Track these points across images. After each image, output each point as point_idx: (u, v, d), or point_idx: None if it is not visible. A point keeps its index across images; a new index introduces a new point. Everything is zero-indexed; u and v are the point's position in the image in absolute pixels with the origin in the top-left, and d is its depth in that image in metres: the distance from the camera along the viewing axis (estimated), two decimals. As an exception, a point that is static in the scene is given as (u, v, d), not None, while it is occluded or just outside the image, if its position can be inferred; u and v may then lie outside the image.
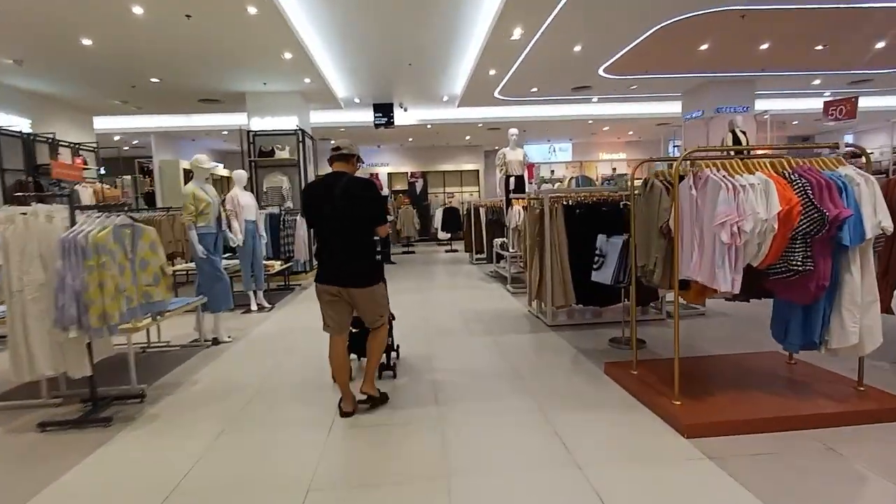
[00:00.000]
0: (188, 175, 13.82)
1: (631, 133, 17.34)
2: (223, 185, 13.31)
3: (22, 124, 8.77)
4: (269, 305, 6.73)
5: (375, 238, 3.09)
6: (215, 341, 4.97)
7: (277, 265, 7.32)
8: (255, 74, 8.51)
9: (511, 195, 7.16)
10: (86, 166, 9.79)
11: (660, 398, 2.93)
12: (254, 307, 6.58)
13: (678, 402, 2.81)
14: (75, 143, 9.78)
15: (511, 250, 7.34)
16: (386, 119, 12.37)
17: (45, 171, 8.99)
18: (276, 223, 8.07)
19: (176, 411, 3.30)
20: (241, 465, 2.58)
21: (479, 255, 10.89)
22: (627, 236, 3.95)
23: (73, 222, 3.08)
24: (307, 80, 8.99)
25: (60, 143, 9.38)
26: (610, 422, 2.90)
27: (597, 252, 4.18)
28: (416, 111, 13.14)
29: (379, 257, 3.19)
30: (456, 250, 14.22)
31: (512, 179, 7.59)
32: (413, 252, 14.31)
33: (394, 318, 3.81)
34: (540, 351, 4.35)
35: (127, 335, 3.56)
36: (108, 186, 10.60)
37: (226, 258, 7.17)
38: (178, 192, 13.59)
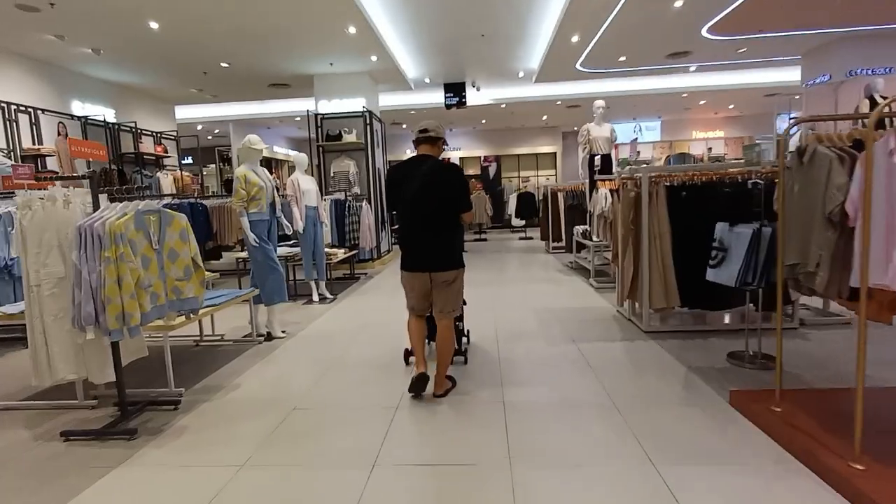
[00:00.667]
0: (266, 163, 14.09)
1: (731, 107, 15.41)
2: (287, 171, 13.37)
3: (107, 114, 9.05)
4: (332, 296, 6.37)
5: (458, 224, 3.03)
6: (269, 336, 4.63)
7: (341, 253, 6.94)
8: (320, 54, 8.15)
9: (596, 176, 6.25)
10: (165, 154, 10.04)
11: (828, 456, 2.05)
12: (315, 298, 6.25)
13: (861, 468, 1.94)
14: (157, 132, 10.05)
15: (595, 239, 6.45)
16: (457, 99, 11.70)
17: (129, 158, 9.29)
18: (342, 210, 7.71)
19: (207, 423, 2.89)
20: (262, 510, 2.07)
21: (556, 244, 10.00)
22: (759, 225, 3.03)
23: (95, 207, 2.71)
24: (374, 59, 8.51)
25: (143, 131, 9.65)
26: (755, 492, 2.04)
27: (715, 244, 3.29)
28: (489, 90, 12.35)
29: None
30: (531, 238, 13.37)
31: (597, 159, 6.67)
32: (485, 240, 13.63)
33: (465, 304, 3.52)
34: (638, 367, 3.52)
35: (164, 334, 3.22)
36: (188, 174, 10.89)
37: (287, 245, 6.92)
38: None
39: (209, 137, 15.18)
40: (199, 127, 14.04)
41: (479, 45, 8.63)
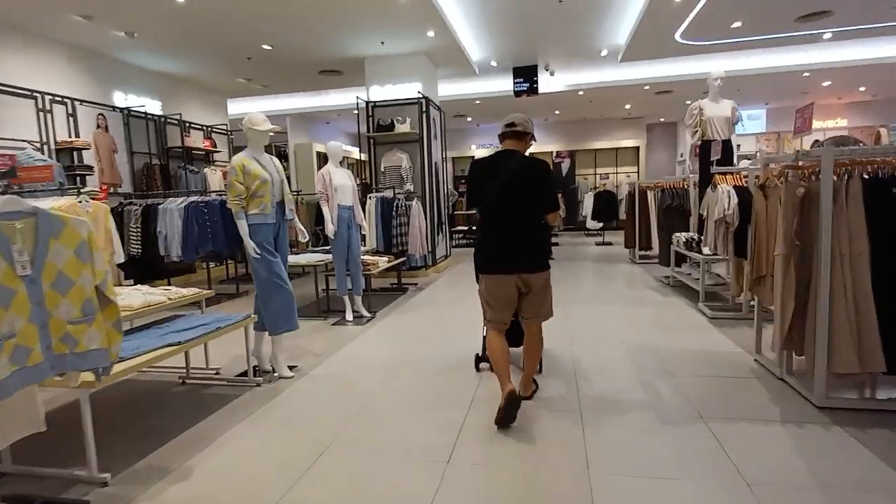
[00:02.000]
0: (322, 158, 13.40)
1: (863, 90, 12.79)
2: (357, 169, 12.57)
3: (153, 106, 8.55)
4: (370, 314, 5.27)
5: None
6: (272, 374, 3.56)
7: (383, 262, 5.83)
8: (370, 30, 7.10)
9: (714, 168, 4.67)
10: (214, 148, 9.44)
11: None
12: (349, 317, 5.16)
13: None
14: (206, 126, 9.49)
15: (706, 251, 4.90)
16: (528, 85, 10.30)
17: (176, 153, 8.74)
18: (389, 209, 6.62)
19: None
20: None
21: (644, 253, 8.38)
22: None
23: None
24: (431, 35, 7.35)
25: (192, 125, 9.10)
26: None
27: None
28: (564, 75, 10.83)
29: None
30: (609, 243, 11.70)
31: (715, 146, 5.07)
32: (556, 244, 12.12)
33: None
34: (832, 487, 2.06)
35: (85, 388, 2.18)
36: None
37: (318, 251, 5.90)
38: (312, 175, 13.25)
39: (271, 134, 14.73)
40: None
41: (555, 17, 7.22)
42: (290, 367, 3.63)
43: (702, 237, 5.53)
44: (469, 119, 14.85)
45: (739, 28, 7.58)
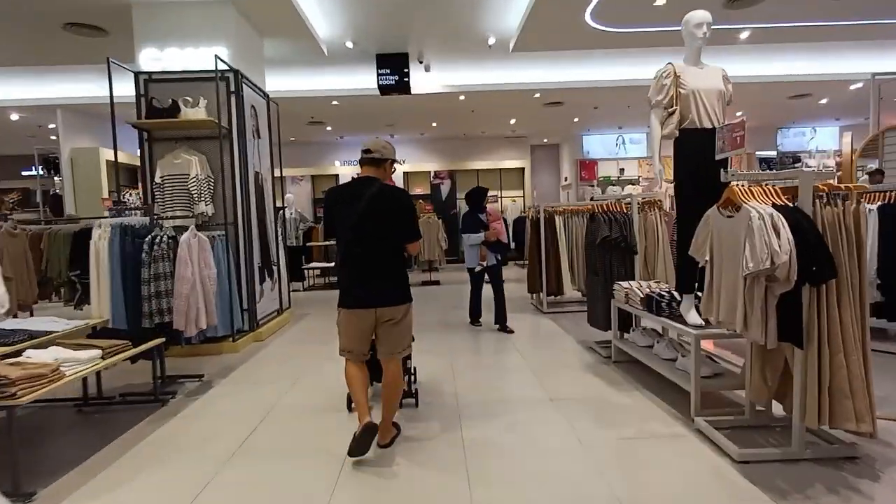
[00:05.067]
0: (126, 170, 9.56)
1: (740, 114, 12.48)
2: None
3: None
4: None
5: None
6: None
7: (86, 358, 2.79)
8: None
9: (733, 174, 2.44)
10: None
11: None
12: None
13: None
14: None
15: (694, 320, 2.74)
16: (396, 78, 7.90)
17: None
18: (135, 250, 3.60)
19: None
20: None
21: (554, 299, 6.28)
22: None
23: None
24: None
25: None
26: None
27: None
28: (442, 72, 8.64)
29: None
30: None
31: (707, 136, 2.88)
32: (437, 282, 9.74)
33: (414, 340, 2.86)
34: None
35: None
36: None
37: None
38: (98, 193, 9.44)
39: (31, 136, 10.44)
40: (15, 117, 9.46)
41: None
42: None
43: (674, 292, 3.38)
44: (329, 128, 12.10)
45: (664, 9, 5.90)
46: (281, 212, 8.29)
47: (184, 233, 3.79)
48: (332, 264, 9.68)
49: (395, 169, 2.78)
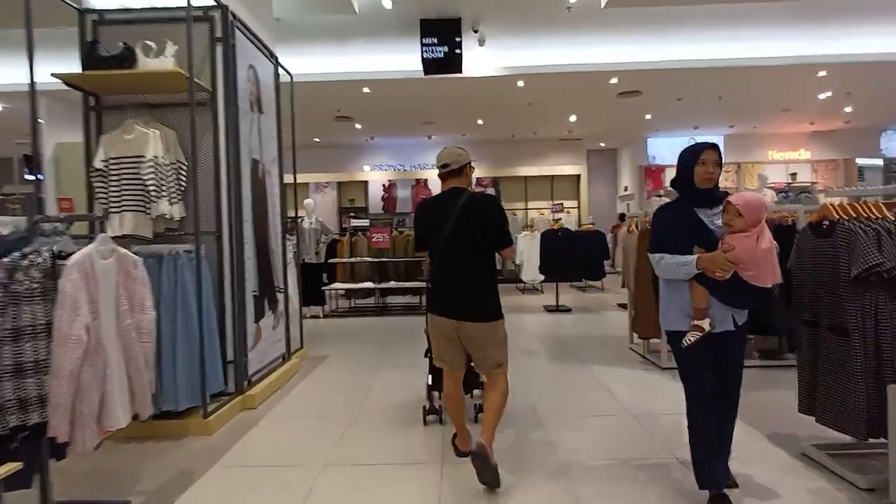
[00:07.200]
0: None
1: (849, 110, 10.33)
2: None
3: None
4: None
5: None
6: None
7: None
8: None
9: None
10: None
11: None
12: None
13: None
14: None
15: None
16: (445, 50, 6.20)
17: None
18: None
19: None
20: None
21: (656, 340, 4.34)
22: None
23: None
24: None
25: None
26: None
27: None
28: (499, 49, 6.88)
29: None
30: (567, 309, 7.59)
31: None
32: (568, 310, 7.84)
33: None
34: None
35: None
36: None
37: None
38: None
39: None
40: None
41: None
42: None
43: None
44: (358, 126, 10.46)
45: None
46: (300, 221, 6.64)
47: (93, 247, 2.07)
48: (358, 285, 7.96)
49: (473, 168, 2.76)
